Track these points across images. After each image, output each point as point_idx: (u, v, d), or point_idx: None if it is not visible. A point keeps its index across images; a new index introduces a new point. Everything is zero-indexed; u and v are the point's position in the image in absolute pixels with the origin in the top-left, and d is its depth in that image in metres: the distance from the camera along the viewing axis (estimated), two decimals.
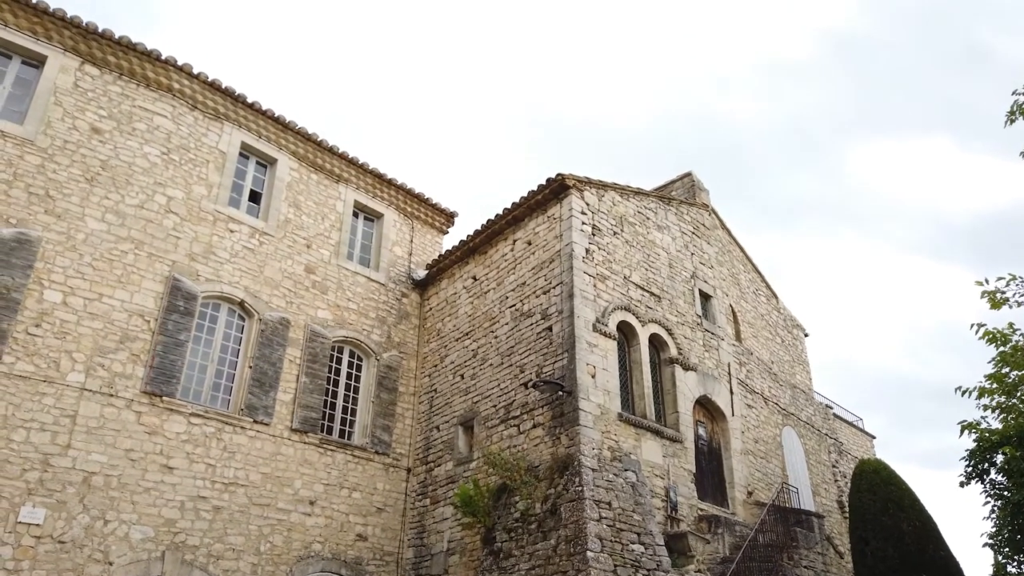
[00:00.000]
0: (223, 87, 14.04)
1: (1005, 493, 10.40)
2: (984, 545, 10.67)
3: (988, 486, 10.63)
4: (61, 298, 11.25)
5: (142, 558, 10.84)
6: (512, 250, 14.26)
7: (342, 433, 14.16)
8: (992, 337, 10.10)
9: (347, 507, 13.50)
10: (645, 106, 66.09)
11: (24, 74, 12.21)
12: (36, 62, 12.30)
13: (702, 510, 12.97)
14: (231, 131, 14.32)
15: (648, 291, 14.09)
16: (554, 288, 12.79)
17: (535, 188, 13.79)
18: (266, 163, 14.90)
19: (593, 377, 11.94)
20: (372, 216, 16.55)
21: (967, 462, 10.62)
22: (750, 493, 14.43)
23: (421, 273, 16.48)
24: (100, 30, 12.62)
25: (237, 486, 12.17)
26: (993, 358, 10.14)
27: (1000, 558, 10.69)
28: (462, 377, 14.30)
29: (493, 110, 67.12)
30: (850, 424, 23.28)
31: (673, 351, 13.96)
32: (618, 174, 49.79)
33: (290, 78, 59.48)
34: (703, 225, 16.83)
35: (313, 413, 13.57)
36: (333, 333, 14.46)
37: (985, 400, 10.18)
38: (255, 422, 12.71)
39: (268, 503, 12.46)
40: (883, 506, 11.94)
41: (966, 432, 10.30)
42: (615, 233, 13.96)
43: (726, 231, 17.84)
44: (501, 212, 14.51)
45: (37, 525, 10.08)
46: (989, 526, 10.64)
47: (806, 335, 20.31)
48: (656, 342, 13.87)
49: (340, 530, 13.25)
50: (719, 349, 15.35)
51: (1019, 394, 10.10)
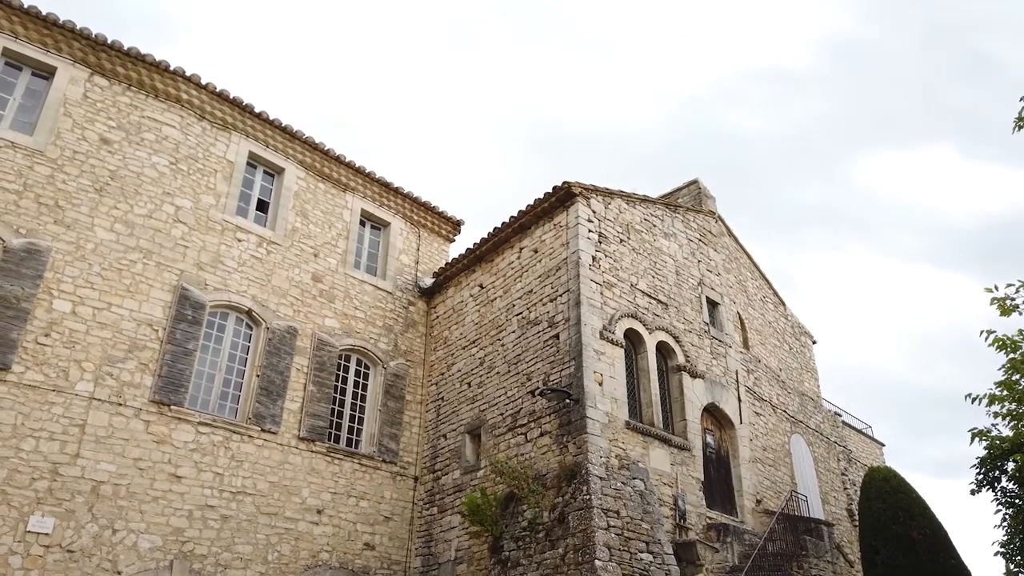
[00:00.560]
0: (231, 97, 14.12)
1: (1017, 501, 10.35)
2: (996, 554, 10.59)
3: (999, 494, 10.56)
4: (70, 308, 11.31)
5: (150, 567, 10.85)
6: (519, 258, 14.27)
7: (349, 442, 14.16)
8: (1002, 344, 10.04)
9: (354, 516, 13.49)
10: (650, 116, 66.18)
11: (34, 85, 12.32)
12: (46, 73, 12.41)
13: (711, 519, 12.91)
14: (239, 141, 14.40)
15: (655, 298, 14.06)
16: (561, 296, 12.78)
17: (541, 196, 13.80)
18: (273, 172, 14.97)
19: (600, 385, 11.91)
20: (379, 224, 16.59)
21: (978, 470, 10.56)
22: (759, 501, 14.35)
23: (428, 281, 16.49)
24: (109, 41, 12.72)
25: (245, 495, 12.19)
26: (1003, 365, 10.05)
27: (1012, 567, 10.61)
28: (469, 385, 14.29)
29: (499, 119, 67.33)
30: (859, 432, 23.18)
31: (680, 358, 13.93)
32: (624, 183, 49.86)
33: (295, 86, 59.84)
34: (710, 232, 16.80)
35: (320, 422, 13.58)
36: (340, 341, 14.48)
37: (996, 407, 10.09)
38: (263, 431, 12.73)
39: (276, 512, 12.47)
40: (893, 514, 11.85)
41: (977, 440, 10.22)
42: (622, 240, 13.95)
43: (733, 238, 17.81)
44: (507, 220, 14.53)
45: (46, 534, 10.11)
46: (1001, 534, 10.57)
47: (814, 342, 20.22)
48: (663, 350, 13.84)
49: (348, 539, 13.23)
50: (727, 356, 15.31)
51: None
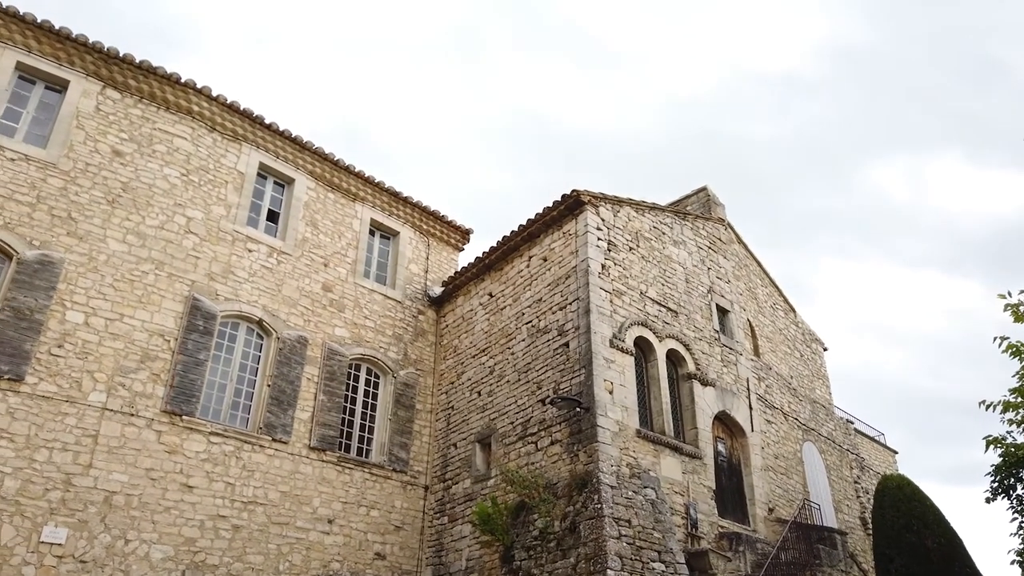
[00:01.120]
0: (241, 109, 14.23)
1: None
2: (1012, 562, 10.47)
3: (1015, 502, 10.44)
4: (83, 319, 11.39)
5: None
6: (528, 266, 14.27)
7: (360, 451, 14.17)
8: (1016, 350, 9.96)
9: (365, 525, 13.48)
10: (658, 123, 66.20)
11: (47, 98, 12.45)
12: (59, 87, 12.54)
13: (723, 527, 12.83)
14: (249, 152, 14.49)
15: (665, 306, 14.04)
16: (570, 304, 12.77)
17: (550, 204, 13.82)
18: (284, 183, 15.05)
19: (611, 393, 11.88)
20: (388, 234, 16.64)
21: (993, 478, 10.45)
22: (771, 510, 14.26)
23: (437, 290, 16.52)
24: (121, 54, 12.85)
25: (256, 505, 12.20)
26: (1018, 372, 9.99)
27: None
28: (479, 394, 14.28)
29: (506, 127, 67.50)
30: (872, 439, 23.01)
31: (691, 366, 13.88)
32: (632, 191, 49.83)
33: (304, 97, 60.18)
34: (719, 239, 16.77)
35: (331, 431, 13.59)
36: (350, 351, 14.51)
37: (1010, 414, 10.01)
38: (274, 440, 12.75)
39: (287, 522, 12.47)
40: (907, 522, 11.72)
41: (991, 447, 10.15)
42: (631, 248, 13.94)
43: (742, 245, 17.76)
44: (516, 229, 14.54)
45: (59, 544, 10.14)
46: (1017, 542, 10.45)
47: (825, 349, 20.11)
48: (674, 357, 13.80)
49: (358, 548, 13.22)
50: (737, 364, 15.25)
51: None
